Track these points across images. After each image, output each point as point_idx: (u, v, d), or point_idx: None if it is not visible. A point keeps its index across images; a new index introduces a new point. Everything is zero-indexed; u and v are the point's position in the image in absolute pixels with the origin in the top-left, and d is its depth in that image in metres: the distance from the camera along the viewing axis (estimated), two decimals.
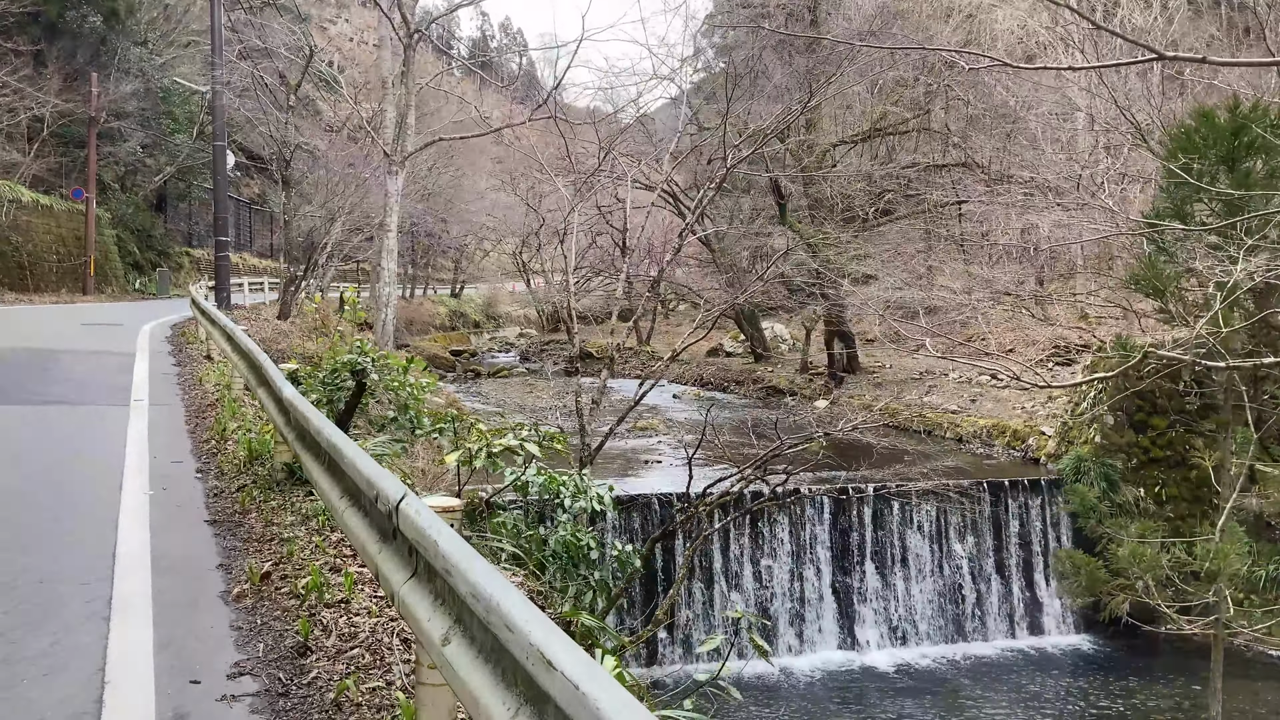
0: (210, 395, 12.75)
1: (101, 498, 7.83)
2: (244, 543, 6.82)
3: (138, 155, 39.44)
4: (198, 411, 11.83)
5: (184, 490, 8.23)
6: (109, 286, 36.85)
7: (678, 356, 14.57)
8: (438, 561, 3.17)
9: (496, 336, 57.22)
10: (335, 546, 6.57)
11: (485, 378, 41.17)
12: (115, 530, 6.97)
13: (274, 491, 7.90)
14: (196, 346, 17.56)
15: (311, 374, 8.49)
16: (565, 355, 46.38)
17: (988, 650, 19.19)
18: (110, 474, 8.62)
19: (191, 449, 9.86)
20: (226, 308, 24.78)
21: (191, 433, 10.64)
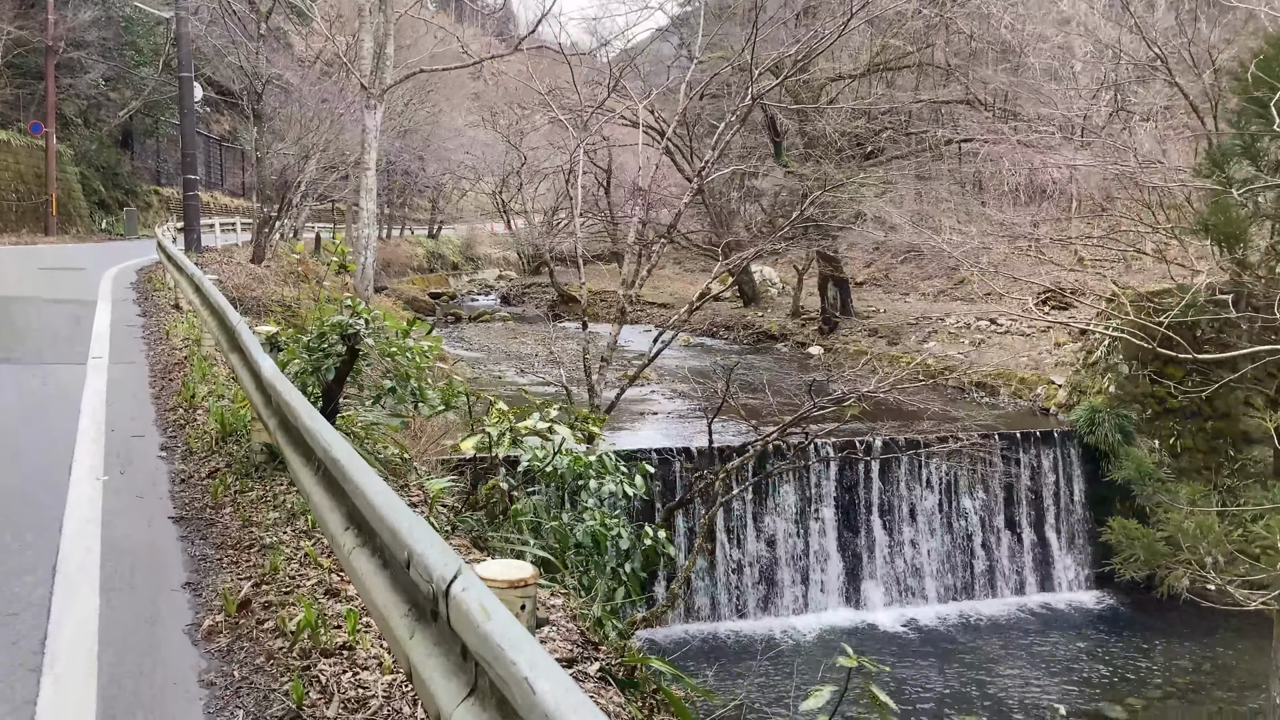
0: (178, 352, 11.36)
1: (45, 485, 6.51)
2: (217, 549, 5.52)
3: (100, 88, 37.30)
4: (164, 371, 10.46)
5: (145, 474, 6.91)
6: (73, 227, 34.98)
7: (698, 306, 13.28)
8: (518, 695, 1.93)
9: (475, 278, 55.62)
10: (329, 556, 5.30)
11: (466, 322, 39.77)
12: (59, 532, 5.66)
13: (252, 478, 6.60)
14: (164, 294, 16.08)
15: (295, 338, 7.15)
16: (547, 299, 44.93)
17: (997, 608, 18.30)
18: (59, 451, 7.29)
19: (155, 419, 8.52)
20: (197, 250, 23.19)
21: (156, 398, 9.28)
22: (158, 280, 17.53)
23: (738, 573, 17.87)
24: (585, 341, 12.47)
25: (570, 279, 45.61)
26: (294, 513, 5.94)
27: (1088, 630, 17.52)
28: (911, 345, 27.21)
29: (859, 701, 5.30)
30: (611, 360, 12.85)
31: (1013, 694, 15.09)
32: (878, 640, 17.05)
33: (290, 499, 6.17)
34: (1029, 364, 23.41)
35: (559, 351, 32.38)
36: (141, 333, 12.76)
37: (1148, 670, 15.63)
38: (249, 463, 6.78)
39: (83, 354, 11.11)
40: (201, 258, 22.80)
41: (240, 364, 6.81)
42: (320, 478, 4.39)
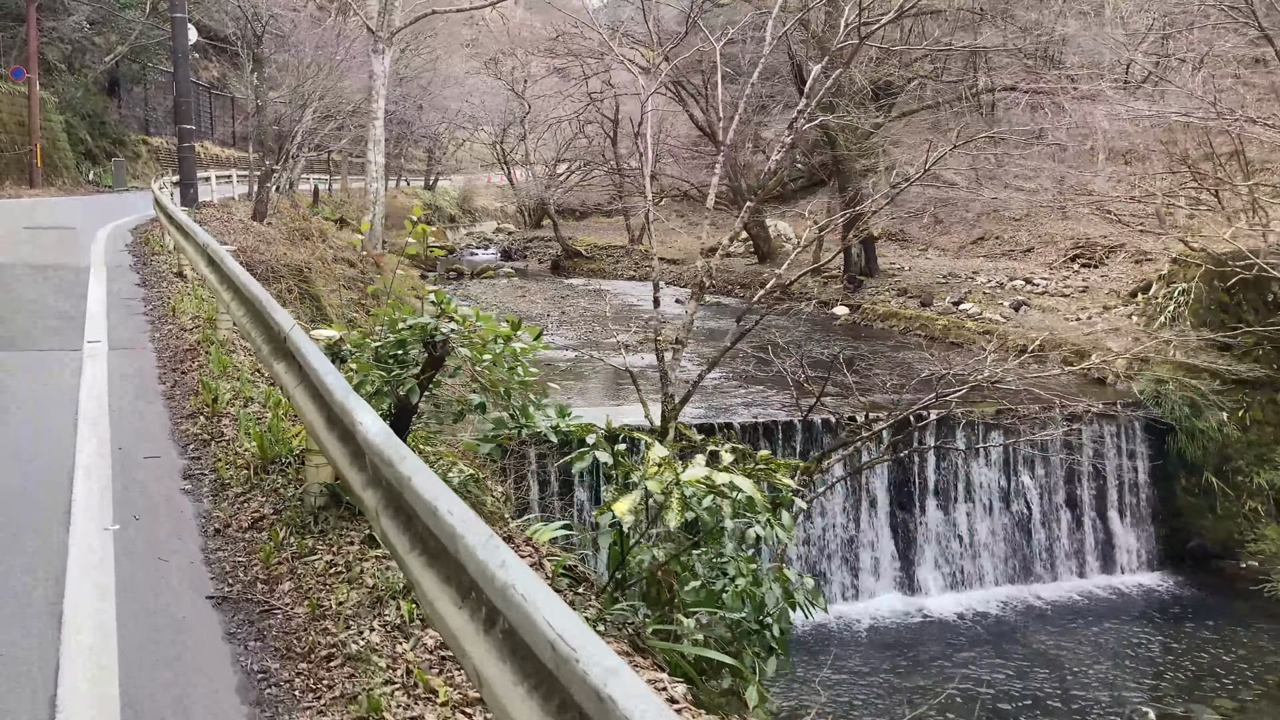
0: (188, 334, 9.59)
1: (34, 546, 4.82)
2: (281, 659, 3.85)
3: (84, 31, 34.91)
4: (174, 360, 8.71)
5: (167, 520, 5.22)
6: (59, 178, 32.80)
7: (776, 287, 11.56)
8: None
9: (474, 232, 53.59)
10: (441, 671, 3.65)
11: (469, 278, 37.85)
12: (57, 629, 4.00)
13: (311, 532, 4.93)
14: (164, 259, 14.24)
15: (361, 343, 5.44)
16: (551, 254, 43.00)
17: (1058, 591, 16.90)
18: (53, 483, 5.58)
19: (171, 429, 6.80)
20: (194, 205, 21.25)
21: (169, 398, 7.55)
22: (156, 242, 15.66)
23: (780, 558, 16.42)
24: (657, 323, 10.71)
25: (573, 233, 43.67)
26: (379, 595, 4.26)
27: (1157, 616, 16.14)
28: (945, 306, 25.57)
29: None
30: (687, 343, 11.11)
31: (1086, 690, 13.67)
32: (933, 628, 15.66)
33: (369, 569, 4.50)
34: (1078, 328, 21.83)
35: (567, 310, 30.72)
36: (143, 307, 10.96)
37: (1233, 664, 14.23)
38: (304, 508, 5.10)
39: (77, 338, 9.34)
40: (199, 214, 20.88)
41: (292, 380, 5.09)
42: (429, 559, 2.77)
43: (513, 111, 44.40)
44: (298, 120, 27.33)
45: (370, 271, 22.08)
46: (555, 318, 28.66)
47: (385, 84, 21.72)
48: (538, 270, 41.31)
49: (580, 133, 42.02)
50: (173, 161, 41.97)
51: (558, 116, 40.91)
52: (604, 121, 40.04)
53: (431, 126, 47.66)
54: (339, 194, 43.13)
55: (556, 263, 41.34)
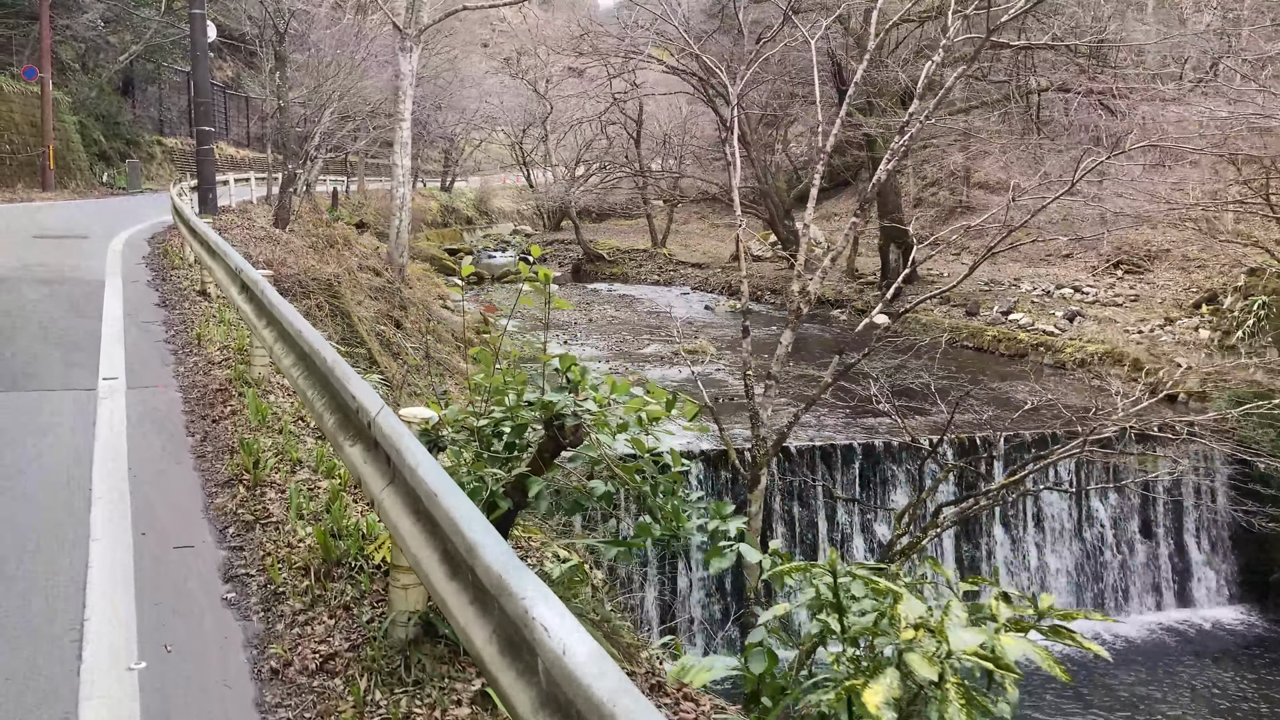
0: (217, 369, 8.29)
1: (33, 700, 3.54)
2: None
3: (98, 30, 33.62)
4: (203, 401, 7.40)
5: (209, 652, 3.92)
6: (73, 180, 31.52)
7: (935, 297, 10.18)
8: None
9: (491, 234, 52.30)
10: None
11: (491, 282, 36.56)
12: None
13: (402, 681, 3.63)
14: (185, 273, 12.95)
15: (459, 421, 4.12)
16: (571, 257, 41.66)
17: (1133, 627, 15.60)
18: (59, 605, 4.29)
19: (204, 505, 5.50)
20: (212, 211, 19.96)
21: (200, 458, 6.24)
22: (175, 254, 14.35)
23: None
24: (746, 355, 9.34)
25: (593, 235, 42.29)
26: None
27: (1238, 653, 14.84)
28: (994, 316, 24.22)
29: None
30: (780, 377, 9.73)
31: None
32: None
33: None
34: (1140, 341, 20.48)
35: (598, 318, 29.39)
36: (164, 333, 9.65)
37: None
38: (390, 644, 3.79)
39: (90, 372, 8.03)
40: (218, 219, 19.59)
41: (376, 477, 3.77)
42: None
43: (532, 112, 43.08)
44: (316, 121, 26.04)
45: (397, 281, 20.80)
46: (583, 325, 27.38)
47: (412, 84, 20.39)
48: (558, 274, 39.99)
49: (602, 133, 40.68)
50: (188, 163, 40.70)
51: (580, 117, 39.54)
52: (626, 122, 38.72)
53: (448, 127, 46.38)
54: (356, 196, 41.85)
55: (578, 266, 40.01)
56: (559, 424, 3.75)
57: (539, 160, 47.03)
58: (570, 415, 3.70)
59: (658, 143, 39.74)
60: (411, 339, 18.74)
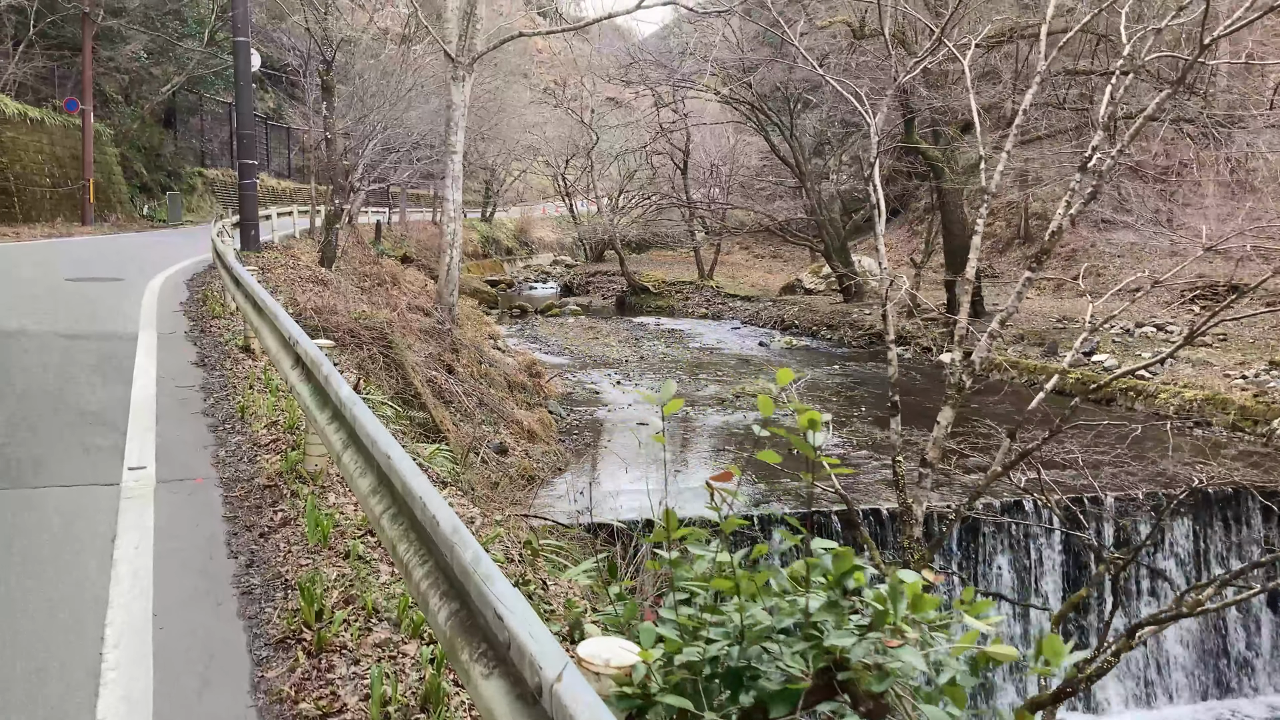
0: (265, 451, 6.79)
1: None
2: None
3: (141, 61, 32.62)
4: (249, 504, 5.89)
5: None
6: (113, 213, 30.42)
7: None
8: None
9: (531, 265, 51.00)
10: None
11: (533, 315, 35.11)
12: None
13: None
14: (226, 322, 11.52)
15: (671, 669, 2.58)
16: (615, 289, 40.17)
17: (1260, 708, 13.79)
18: None
19: (251, 684, 3.95)
20: (254, 248, 18.65)
21: (245, 595, 4.71)
22: (215, 300, 12.93)
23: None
24: (896, 438, 7.67)
25: (634, 266, 40.75)
26: None
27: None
28: (1076, 358, 22.42)
29: None
30: (936, 466, 8.01)
31: None
32: None
33: None
34: (1245, 387, 18.67)
35: (649, 355, 27.83)
36: (203, 400, 8.17)
37: None
38: None
39: (114, 458, 6.55)
40: (261, 257, 18.25)
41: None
42: None
43: (575, 142, 41.77)
44: (360, 153, 24.83)
45: (447, 321, 19.36)
46: (635, 363, 25.83)
47: (464, 114, 19.03)
48: (602, 307, 38.46)
49: (647, 163, 39.28)
50: (229, 194, 39.63)
51: (627, 148, 38.17)
52: (672, 151, 37.31)
53: (489, 158, 45.20)
54: (398, 228, 40.64)
55: (622, 299, 38.52)
56: (845, 682, 2.18)
57: (581, 190, 45.66)
58: (871, 674, 2.13)
59: (704, 172, 38.28)
60: (464, 383, 17.25)
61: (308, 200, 32.48)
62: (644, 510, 13.54)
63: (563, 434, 18.26)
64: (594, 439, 18.02)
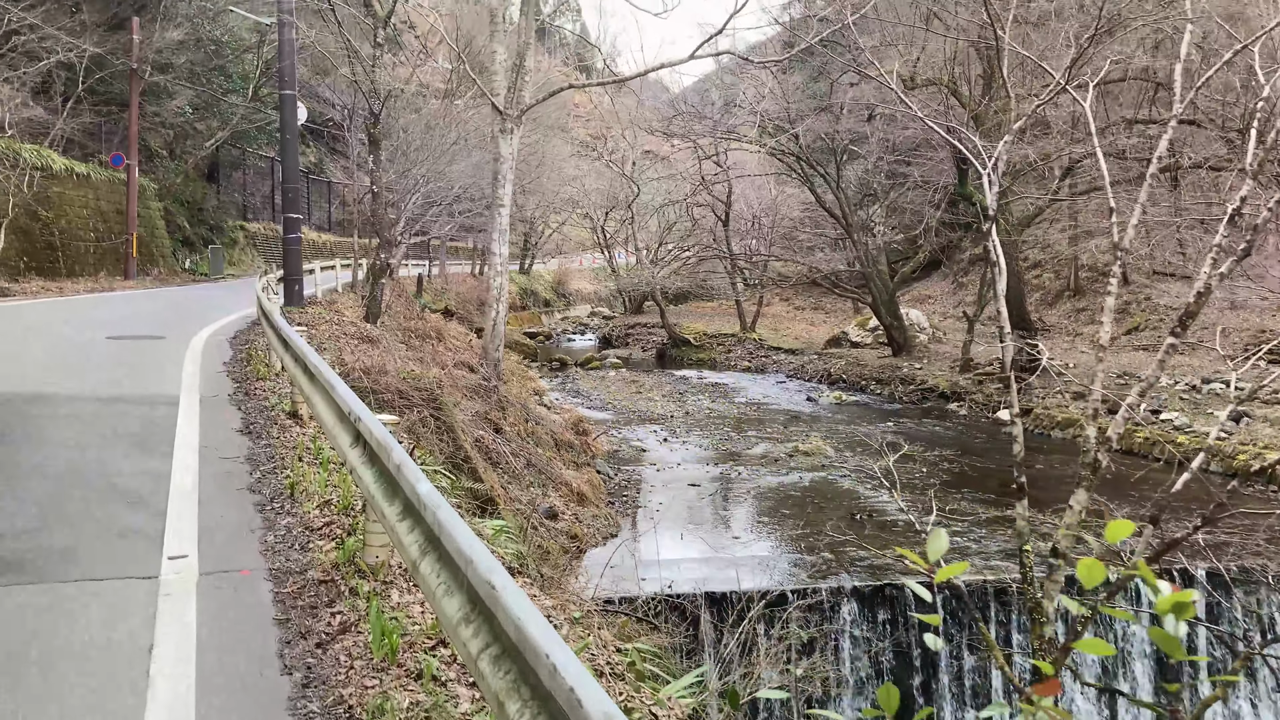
0: (318, 538, 6.07)
1: None
2: None
3: (186, 116, 32.64)
4: (303, 605, 5.16)
5: None
6: (155, 267, 30.23)
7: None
8: None
9: (569, 316, 50.52)
10: None
11: (573, 367, 34.47)
12: None
13: None
14: (272, 384, 10.89)
15: None
16: (655, 341, 39.51)
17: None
18: None
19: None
20: (298, 304, 18.14)
21: (297, 712, 4.00)
22: (259, 359, 12.33)
23: None
24: (1023, 523, 6.81)
25: (674, 318, 40.04)
26: None
27: None
28: (1144, 416, 21.42)
29: None
30: (1070, 556, 7.11)
31: None
32: None
33: None
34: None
35: (694, 410, 27.03)
36: (249, 474, 7.49)
37: None
38: None
39: (152, 546, 5.85)
40: (305, 312, 17.73)
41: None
42: None
43: (615, 195, 41.41)
44: (402, 207, 24.44)
45: (493, 377, 18.72)
46: (680, 419, 25.03)
47: (512, 168, 18.53)
48: (642, 359, 37.75)
49: (687, 214, 38.79)
50: (270, 248, 39.49)
51: (669, 200, 37.71)
52: (714, 203, 36.78)
53: (528, 210, 44.93)
54: (438, 281, 40.31)
55: (662, 351, 37.80)
56: None
57: (620, 242, 45.23)
58: None
59: (746, 223, 37.70)
60: (511, 443, 16.54)
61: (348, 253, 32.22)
62: (707, 581, 12.71)
63: (611, 495, 17.48)
64: (644, 500, 17.22)
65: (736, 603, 12.16)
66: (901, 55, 24.50)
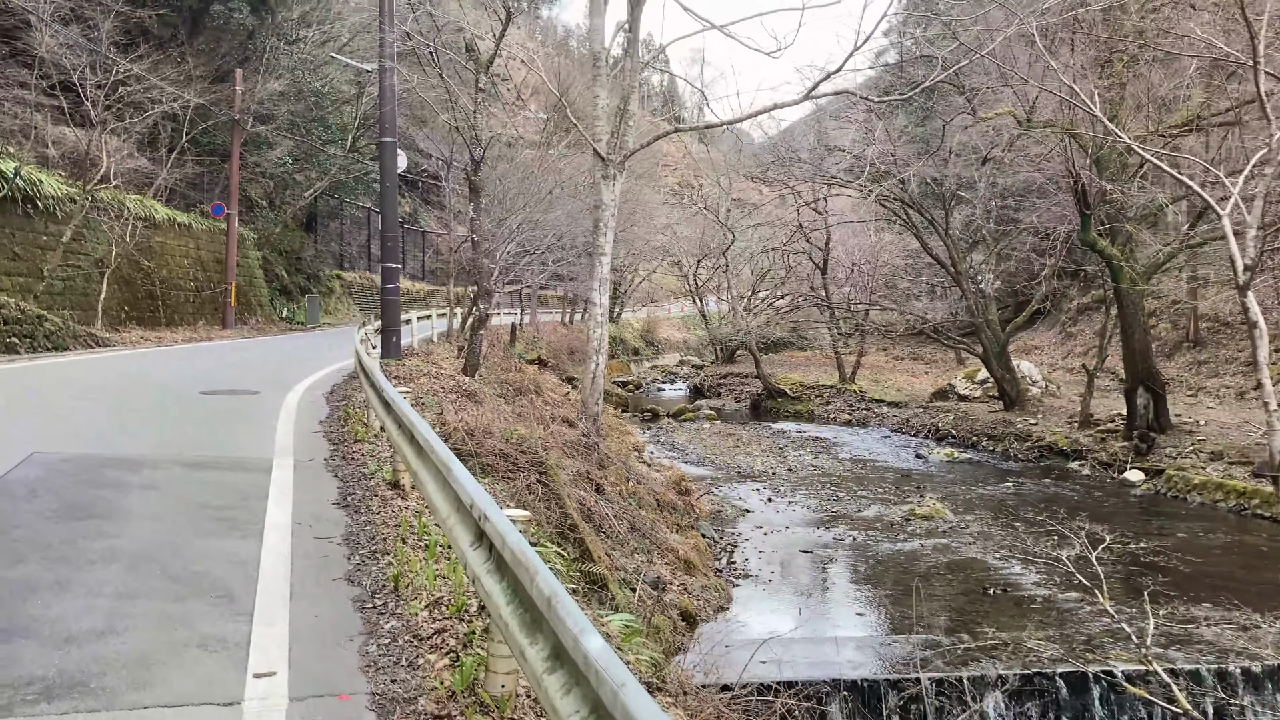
0: (429, 656, 5.04)
1: None
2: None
3: (286, 167, 32.74)
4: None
5: None
6: (253, 316, 30.12)
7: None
8: None
9: (657, 365, 49.55)
10: None
11: (666, 419, 33.35)
12: None
13: None
14: (370, 447, 10.00)
15: None
16: (749, 393, 38.21)
17: None
18: None
19: None
20: (395, 356, 17.43)
21: None
22: (356, 417, 11.49)
23: None
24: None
25: (772, 369, 38.70)
26: None
27: None
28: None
29: None
30: None
31: None
32: None
33: None
34: None
35: (797, 467, 25.65)
36: (347, 559, 6.51)
37: None
38: None
39: (235, 665, 4.85)
40: (402, 365, 16.98)
41: None
42: None
43: (707, 243, 40.47)
44: (497, 255, 23.80)
45: (593, 433, 17.71)
46: (782, 476, 23.68)
47: (614, 215, 17.65)
48: (735, 410, 36.45)
49: (783, 261, 37.61)
50: (365, 297, 39.40)
51: (768, 246, 36.62)
52: (811, 250, 35.56)
53: (618, 258, 44.24)
54: (528, 329, 39.74)
55: (757, 403, 36.48)
56: None
57: (712, 289, 44.18)
58: None
59: (844, 271, 36.38)
60: (613, 504, 15.43)
61: (440, 302, 31.79)
62: (834, 665, 11.43)
63: (718, 560, 16.28)
64: (754, 567, 15.95)
65: (867, 690, 10.87)
66: (1016, 96, 23.13)
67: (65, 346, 18.63)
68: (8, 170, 19.02)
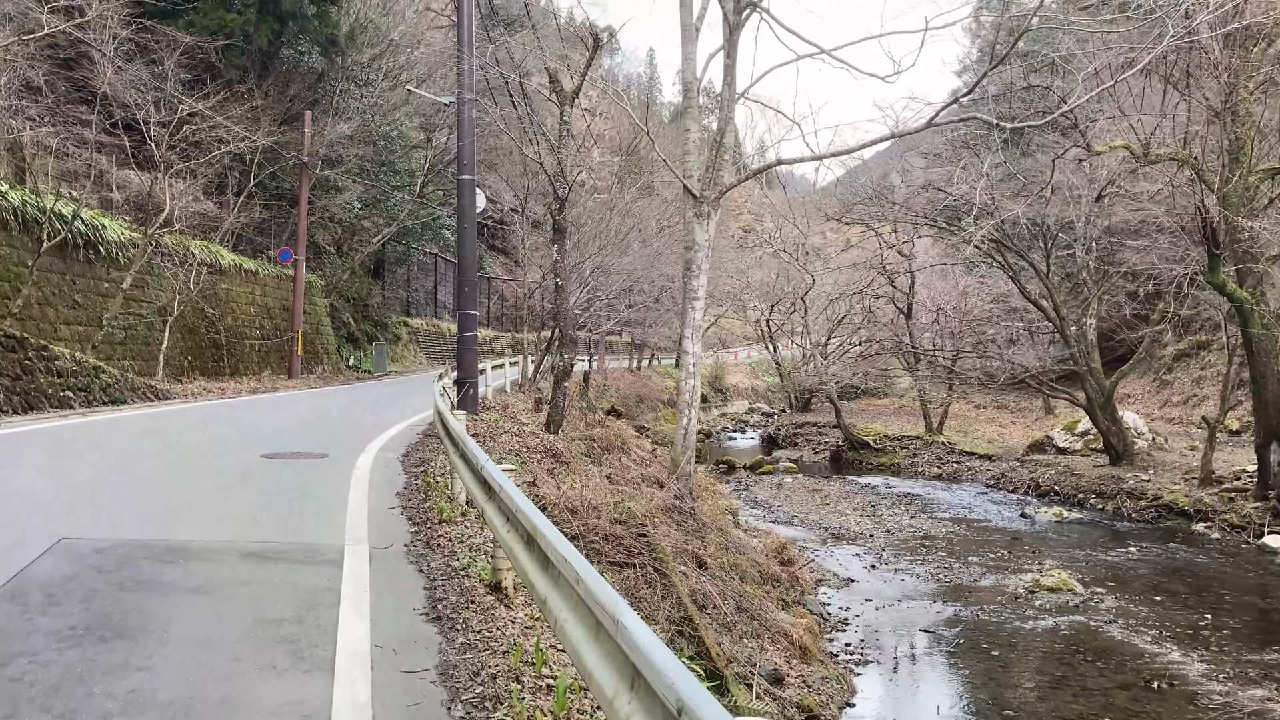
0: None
1: None
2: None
3: (355, 212, 31.65)
4: None
5: None
6: (319, 364, 28.84)
7: None
8: None
9: (727, 413, 47.61)
10: None
11: (742, 471, 31.38)
12: None
13: None
14: (457, 530, 8.28)
15: None
16: (828, 443, 36.06)
17: None
18: None
19: None
20: (473, 408, 15.79)
21: None
22: (439, 487, 9.79)
23: None
24: None
25: (851, 418, 36.54)
26: None
27: None
28: None
29: None
30: None
31: None
32: None
33: None
34: None
35: (895, 528, 23.53)
36: (445, 708, 4.78)
37: None
38: None
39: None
40: (478, 420, 15.32)
41: None
42: None
43: (783, 288, 38.64)
44: (572, 302, 22.25)
45: (686, 496, 15.87)
46: (879, 539, 21.56)
47: (708, 255, 15.97)
48: (814, 462, 34.31)
49: (862, 305, 35.64)
50: (432, 344, 38.08)
51: (842, 291, 34.70)
52: (894, 294, 33.57)
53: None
54: (597, 376, 38.14)
55: (837, 454, 34.33)
56: None
57: (786, 334, 42.25)
58: None
59: (929, 315, 34.29)
60: (717, 580, 13.54)
61: (505, 349, 30.34)
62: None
63: (831, 642, 14.32)
64: (873, 653, 13.93)
65: None
66: (1131, 128, 21.13)
67: (122, 400, 17.31)
68: (66, 213, 17.88)
